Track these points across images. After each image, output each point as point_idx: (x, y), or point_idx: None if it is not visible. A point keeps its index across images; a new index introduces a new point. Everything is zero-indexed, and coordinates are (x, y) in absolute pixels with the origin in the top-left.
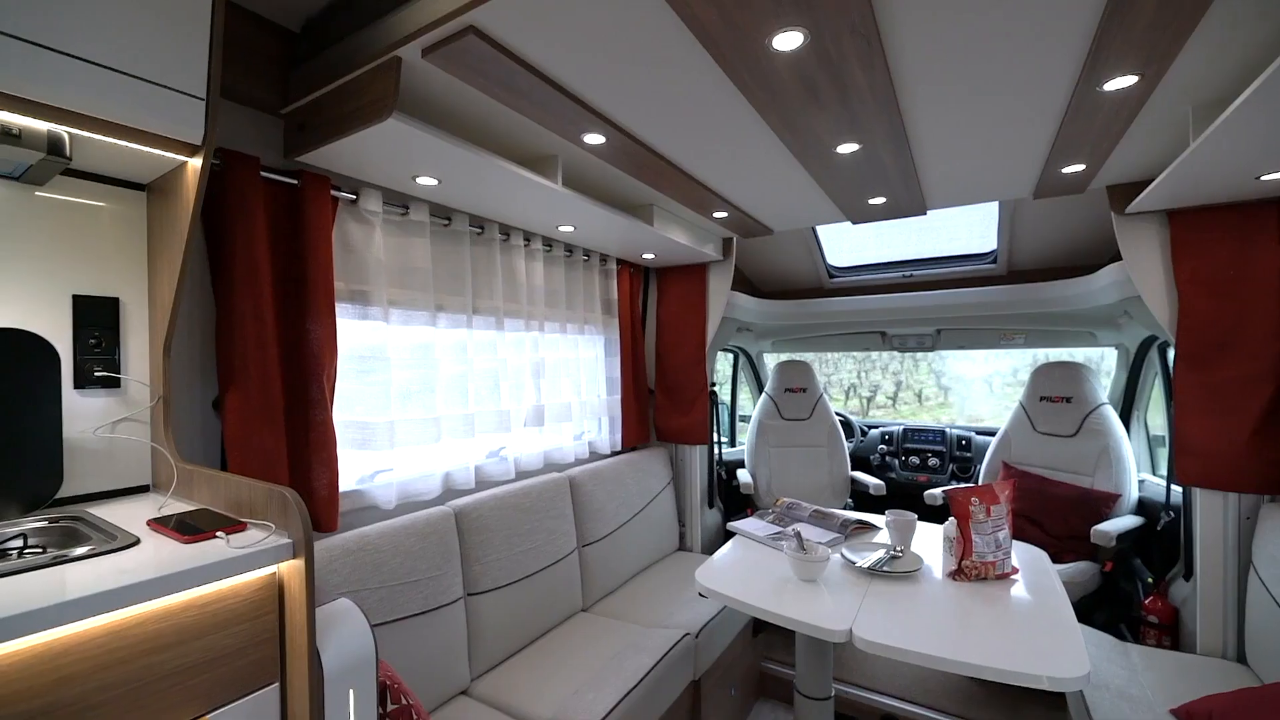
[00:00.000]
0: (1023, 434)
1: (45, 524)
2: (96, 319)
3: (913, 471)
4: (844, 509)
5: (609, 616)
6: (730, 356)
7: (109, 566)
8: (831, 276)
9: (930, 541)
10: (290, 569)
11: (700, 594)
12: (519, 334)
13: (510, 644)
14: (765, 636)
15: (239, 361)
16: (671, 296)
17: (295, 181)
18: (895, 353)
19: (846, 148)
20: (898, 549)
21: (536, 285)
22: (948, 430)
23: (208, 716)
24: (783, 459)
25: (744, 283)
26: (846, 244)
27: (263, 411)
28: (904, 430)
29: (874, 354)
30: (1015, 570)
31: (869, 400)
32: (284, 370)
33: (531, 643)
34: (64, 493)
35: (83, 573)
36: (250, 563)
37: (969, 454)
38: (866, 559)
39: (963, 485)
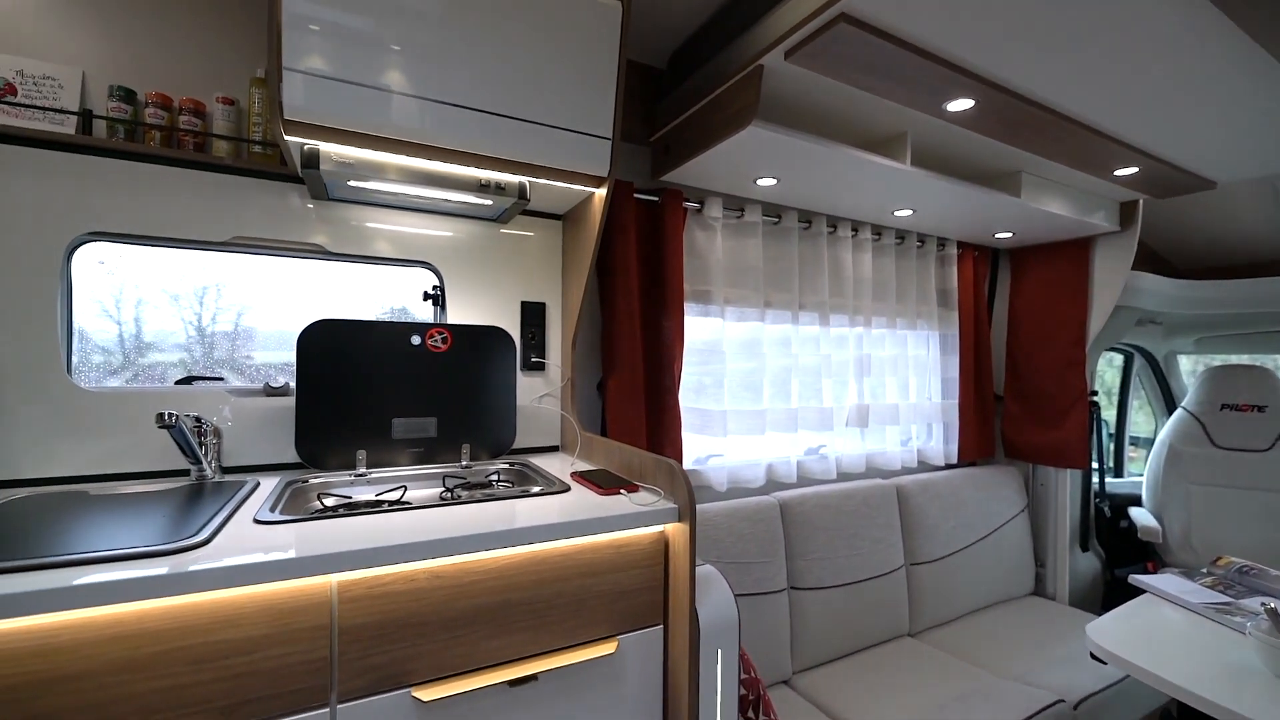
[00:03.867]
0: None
1: (506, 466)
2: (533, 319)
3: None
4: None
5: (942, 650)
6: (1119, 358)
7: (555, 504)
8: None
9: None
10: (675, 530)
11: (1094, 656)
12: (843, 329)
13: (831, 648)
14: None
15: (616, 352)
16: (1032, 282)
17: (657, 199)
18: None
19: None
20: None
21: (863, 277)
22: None
23: (616, 637)
24: (1214, 503)
25: (1148, 259)
26: None
27: (631, 393)
28: None
29: None
30: None
31: None
32: (646, 360)
33: (853, 653)
34: (515, 446)
35: (543, 505)
36: (647, 519)
37: None
38: None
39: None
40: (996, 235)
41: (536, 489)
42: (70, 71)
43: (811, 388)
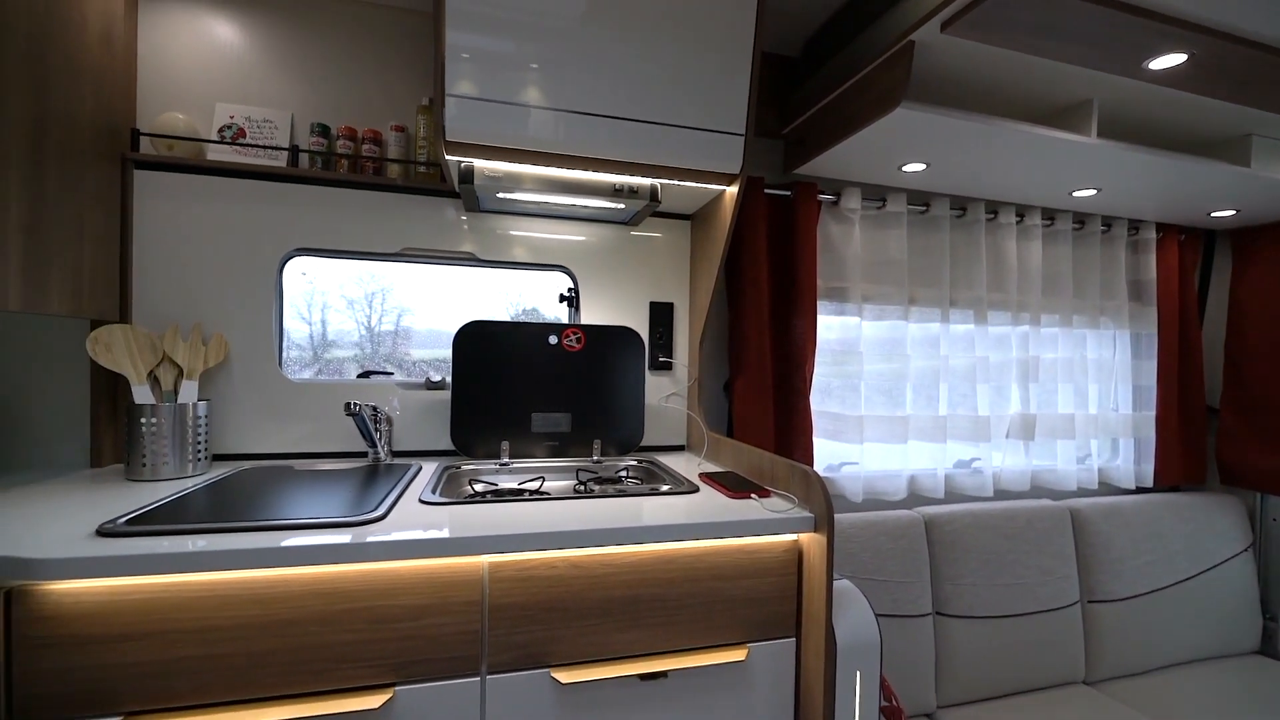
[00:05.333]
0: None
1: (635, 463)
2: (661, 319)
3: None
4: None
5: (1130, 706)
6: None
7: (685, 504)
8: None
9: None
10: (810, 540)
11: None
12: (1004, 328)
13: (984, 685)
14: None
15: (744, 353)
16: (1263, 269)
17: (788, 193)
18: None
19: None
20: None
21: (1031, 269)
22: None
23: (746, 645)
24: None
25: None
26: None
27: (759, 395)
28: None
29: None
30: None
31: None
32: (775, 360)
33: (1011, 694)
34: (642, 444)
35: (672, 504)
36: (780, 526)
37: None
38: None
39: None
40: (1213, 214)
41: (665, 487)
42: (282, 114)
43: (963, 393)
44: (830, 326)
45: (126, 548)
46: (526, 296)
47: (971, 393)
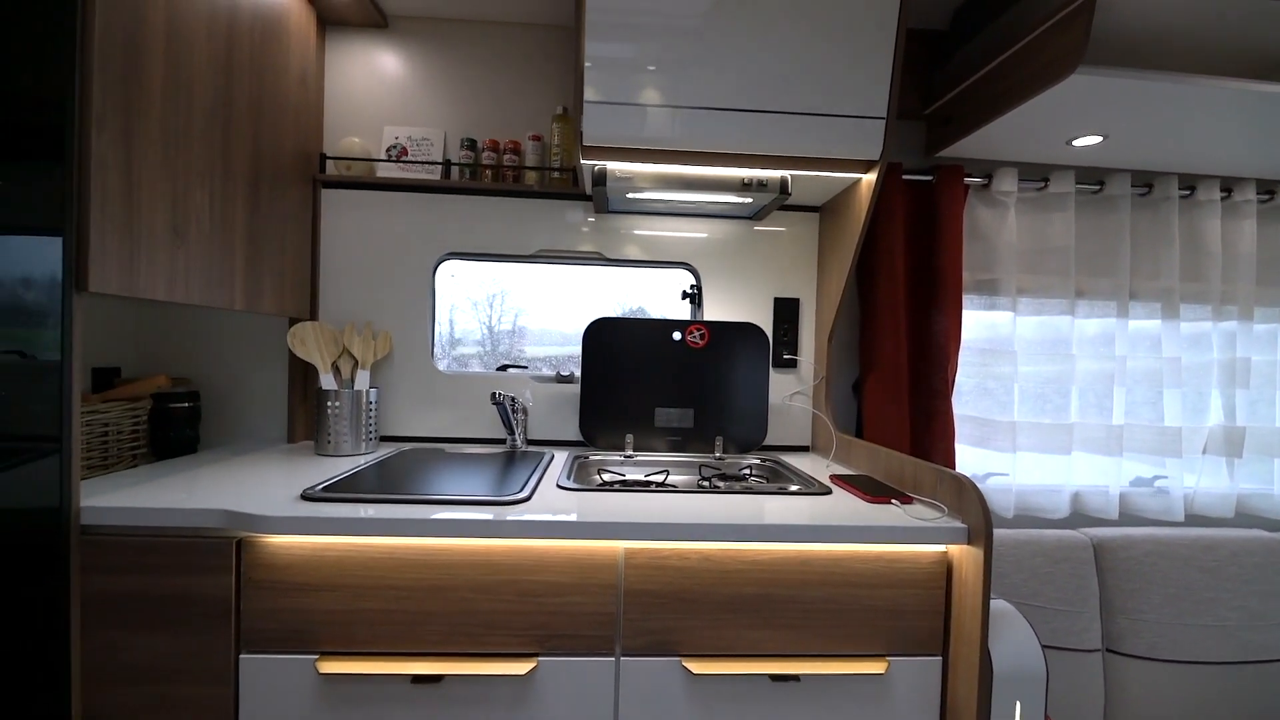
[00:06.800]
0: None
1: (758, 462)
2: (786, 315)
3: None
4: None
5: None
6: None
7: (817, 505)
8: None
9: None
10: (963, 553)
11: None
12: (1202, 324)
13: None
14: None
15: (877, 350)
16: None
17: (930, 178)
18: None
19: None
20: None
21: (1241, 254)
22: None
23: (886, 658)
24: None
25: None
26: None
27: (892, 396)
28: None
29: None
30: None
31: None
32: (911, 358)
33: None
34: (764, 443)
35: (803, 505)
36: (926, 536)
37: None
38: None
39: None
40: None
41: (794, 487)
42: (437, 132)
43: (1144, 400)
44: (976, 323)
45: (325, 510)
46: (635, 296)
47: (1156, 399)
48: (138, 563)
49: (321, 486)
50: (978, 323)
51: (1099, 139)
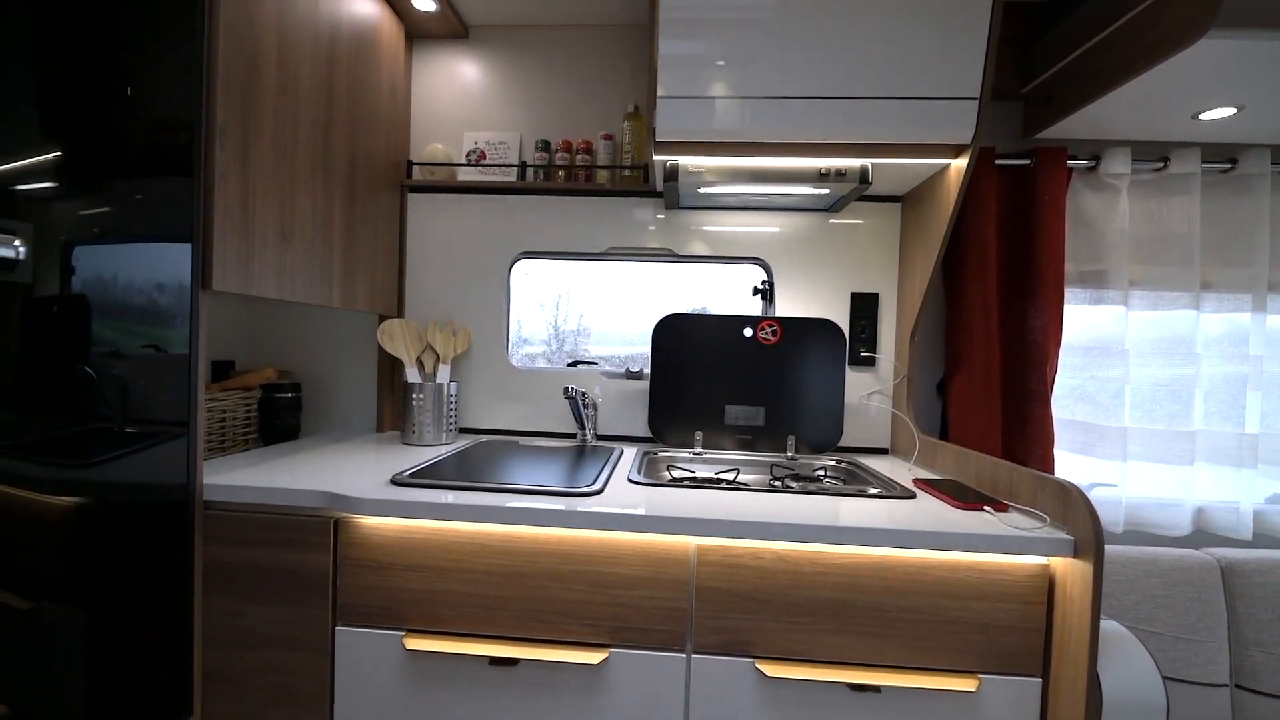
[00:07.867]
0: None
1: (834, 463)
2: (863, 310)
3: None
4: None
5: None
6: None
7: (899, 509)
8: None
9: None
10: (1067, 567)
11: None
12: None
13: None
14: None
15: (964, 348)
16: None
17: (1027, 162)
18: None
19: None
20: None
21: None
22: None
23: (977, 675)
24: None
25: None
26: None
27: (982, 398)
28: None
29: None
30: None
31: None
32: (1004, 359)
33: None
34: (840, 444)
35: (885, 508)
36: (1026, 546)
37: None
38: None
39: None
40: None
41: (873, 490)
42: (513, 135)
43: None
44: (1082, 318)
45: (413, 495)
46: (699, 295)
47: None
48: (250, 537)
49: (409, 473)
50: (1081, 319)
51: (1232, 110)
